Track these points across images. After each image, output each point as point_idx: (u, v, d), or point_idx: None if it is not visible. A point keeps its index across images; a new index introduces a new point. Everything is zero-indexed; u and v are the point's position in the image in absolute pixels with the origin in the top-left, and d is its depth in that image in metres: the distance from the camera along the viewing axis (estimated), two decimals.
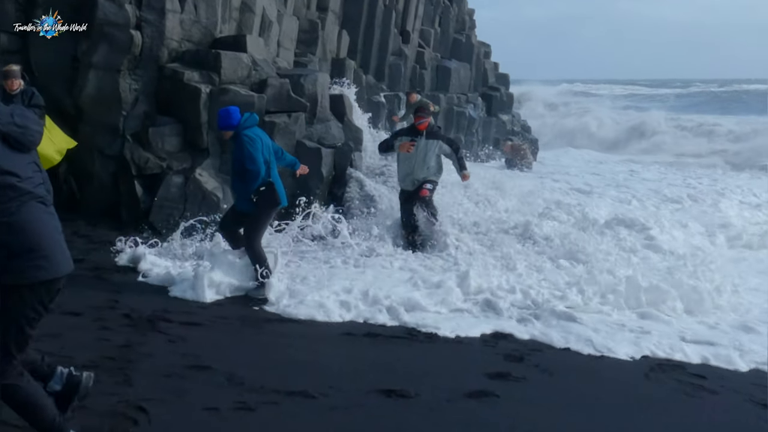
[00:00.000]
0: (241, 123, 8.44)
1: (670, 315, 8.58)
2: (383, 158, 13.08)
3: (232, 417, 5.31)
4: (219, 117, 8.56)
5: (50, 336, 6.63)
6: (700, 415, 6.00)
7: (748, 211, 16.55)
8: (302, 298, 8.25)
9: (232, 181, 8.92)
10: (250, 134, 8.45)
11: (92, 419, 5.01)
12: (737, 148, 32.93)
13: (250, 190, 8.37)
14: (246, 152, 8.29)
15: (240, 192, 8.55)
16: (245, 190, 8.41)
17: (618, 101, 58.95)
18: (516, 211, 13.46)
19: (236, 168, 8.47)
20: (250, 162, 8.28)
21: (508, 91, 28.79)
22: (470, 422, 5.53)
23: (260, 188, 8.38)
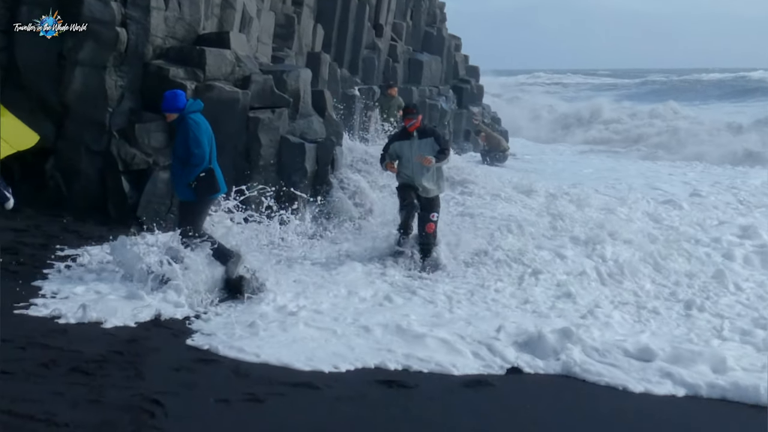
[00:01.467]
0: (187, 107, 8.45)
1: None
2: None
3: (243, 408, 5.54)
4: (165, 99, 8.48)
5: (56, 332, 6.84)
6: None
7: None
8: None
9: (172, 168, 8.73)
10: (197, 119, 8.47)
11: (111, 413, 5.21)
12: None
13: (191, 175, 8.31)
14: (192, 135, 8.28)
15: (180, 178, 8.43)
16: (186, 176, 8.33)
17: (567, 91, 60.05)
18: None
19: (179, 153, 8.41)
20: (196, 145, 8.27)
21: (478, 83, 29.19)
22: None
23: (200, 174, 8.33)
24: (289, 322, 7.50)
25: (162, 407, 5.36)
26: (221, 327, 7.31)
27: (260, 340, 6.96)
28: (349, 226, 11.99)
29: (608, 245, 11.18)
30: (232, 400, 5.63)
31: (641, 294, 9.55)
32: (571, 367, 6.69)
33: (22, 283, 8.01)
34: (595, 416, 6.03)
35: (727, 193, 17.82)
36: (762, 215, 14.84)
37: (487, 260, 10.49)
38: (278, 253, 10.32)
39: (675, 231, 12.81)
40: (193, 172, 8.30)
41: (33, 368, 5.87)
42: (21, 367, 5.85)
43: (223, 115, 11.40)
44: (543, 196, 15.48)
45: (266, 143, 11.73)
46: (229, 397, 5.68)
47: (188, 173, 8.30)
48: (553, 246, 11.31)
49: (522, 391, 6.41)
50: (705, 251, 11.54)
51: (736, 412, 6.15)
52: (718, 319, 8.65)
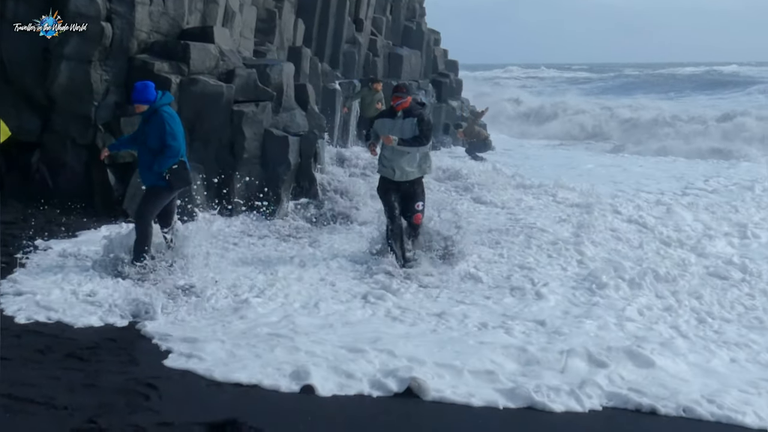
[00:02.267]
0: (158, 99, 8.46)
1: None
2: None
3: (232, 391, 5.74)
4: (136, 90, 8.44)
5: (50, 321, 7.01)
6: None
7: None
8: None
9: (142, 159, 8.61)
10: (170, 111, 8.51)
11: (107, 396, 5.40)
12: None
13: (165, 166, 8.35)
14: (168, 128, 8.32)
15: (152, 169, 8.41)
16: (158, 166, 8.35)
17: (541, 85, 60.62)
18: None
19: (152, 144, 8.39)
20: (172, 138, 8.32)
21: (457, 78, 29.39)
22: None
23: (173, 166, 8.41)
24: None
25: (156, 390, 5.56)
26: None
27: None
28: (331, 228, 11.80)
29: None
30: (224, 384, 5.84)
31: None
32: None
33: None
34: None
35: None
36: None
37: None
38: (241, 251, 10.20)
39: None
40: (166, 164, 8.36)
41: (30, 354, 6.07)
42: (18, 353, 6.04)
43: (207, 108, 11.61)
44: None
45: (250, 136, 11.90)
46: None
47: (161, 163, 8.35)
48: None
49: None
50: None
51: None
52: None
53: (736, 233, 12.02)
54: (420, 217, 9.73)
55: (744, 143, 27.87)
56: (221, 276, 8.56)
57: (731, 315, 8.27)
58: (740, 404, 5.83)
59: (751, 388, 6.16)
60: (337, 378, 5.95)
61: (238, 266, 9.23)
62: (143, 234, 8.47)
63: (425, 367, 6.14)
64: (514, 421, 5.56)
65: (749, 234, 11.96)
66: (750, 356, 7.02)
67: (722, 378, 6.42)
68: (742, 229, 12.25)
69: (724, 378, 6.42)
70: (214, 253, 9.31)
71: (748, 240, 11.71)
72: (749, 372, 6.63)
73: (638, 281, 9.12)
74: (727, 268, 9.90)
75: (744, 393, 6.06)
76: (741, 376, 6.50)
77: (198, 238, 9.22)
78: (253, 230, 11.15)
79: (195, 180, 9.74)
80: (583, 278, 9.35)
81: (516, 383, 5.98)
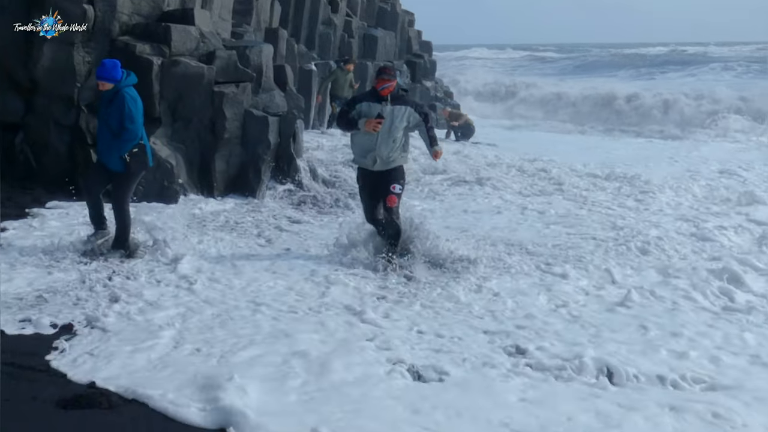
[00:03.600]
0: (123, 79, 8.37)
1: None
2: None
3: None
4: (104, 66, 8.34)
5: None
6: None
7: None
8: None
9: (103, 138, 8.50)
10: (132, 93, 8.41)
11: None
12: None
13: (123, 149, 8.29)
14: (127, 110, 8.24)
15: (111, 150, 8.36)
16: (118, 149, 8.30)
17: (504, 66, 61.29)
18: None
19: (112, 125, 8.31)
20: (130, 121, 8.25)
21: (431, 58, 29.72)
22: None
23: (133, 149, 8.35)
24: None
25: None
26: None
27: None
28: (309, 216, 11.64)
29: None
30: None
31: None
32: None
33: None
34: None
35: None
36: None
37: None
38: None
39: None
40: (125, 147, 8.31)
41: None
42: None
43: (188, 89, 11.82)
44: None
45: (231, 117, 12.13)
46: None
47: (120, 147, 8.31)
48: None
49: None
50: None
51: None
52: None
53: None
54: (395, 200, 8.70)
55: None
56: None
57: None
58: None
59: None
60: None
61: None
62: (124, 223, 8.57)
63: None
64: None
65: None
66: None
67: None
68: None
69: None
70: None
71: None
72: None
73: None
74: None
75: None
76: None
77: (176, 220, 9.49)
78: (230, 213, 11.31)
79: (176, 161, 9.87)
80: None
81: None
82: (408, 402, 5.17)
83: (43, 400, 4.88)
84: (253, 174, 12.30)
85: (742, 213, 12.50)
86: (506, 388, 5.53)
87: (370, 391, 5.32)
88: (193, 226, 10.22)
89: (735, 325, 7.24)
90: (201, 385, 5.15)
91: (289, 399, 5.15)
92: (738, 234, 10.99)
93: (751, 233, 11.04)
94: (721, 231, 11.04)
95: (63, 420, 4.68)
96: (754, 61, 50.47)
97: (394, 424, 4.86)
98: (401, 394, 5.31)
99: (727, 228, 11.25)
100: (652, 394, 5.54)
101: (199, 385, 5.17)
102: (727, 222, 11.73)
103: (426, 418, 4.94)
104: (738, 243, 10.53)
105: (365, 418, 4.90)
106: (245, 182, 12.27)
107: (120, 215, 8.57)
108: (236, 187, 12.28)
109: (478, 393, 5.38)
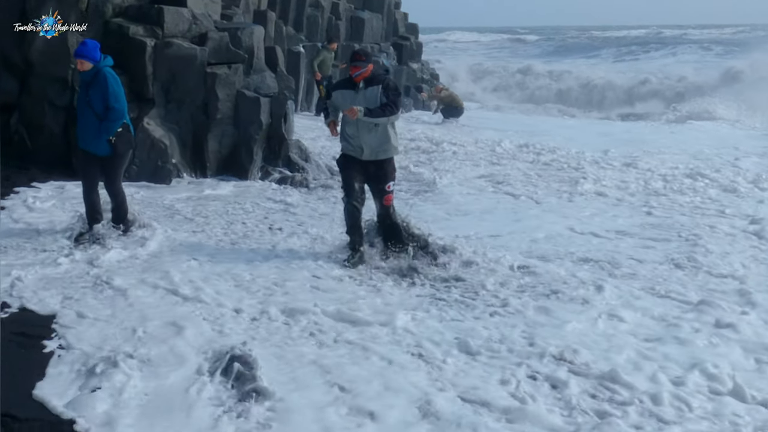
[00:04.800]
0: (101, 60, 8.26)
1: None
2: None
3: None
4: (86, 45, 8.22)
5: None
6: None
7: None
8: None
9: (87, 124, 8.32)
10: (113, 72, 8.33)
11: None
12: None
13: (112, 130, 8.21)
14: (111, 89, 8.15)
15: (98, 134, 8.23)
16: (106, 132, 8.20)
17: (477, 49, 61.80)
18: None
19: (97, 108, 8.18)
20: (115, 100, 8.16)
21: (417, 40, 29.87)
22: None
23: (118, 130, 8.28)
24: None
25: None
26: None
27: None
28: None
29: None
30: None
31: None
32: None
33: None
34: None
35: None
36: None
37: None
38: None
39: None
40: (112, 127, 8.22)
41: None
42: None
43: (182, 71, 12.00)
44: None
45: (223, 97, 12.30)
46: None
47: (107, 128, 8.20)
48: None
49: None
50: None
51: None
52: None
53: None
54: (391, 198, 8.29)
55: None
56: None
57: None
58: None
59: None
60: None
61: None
62: (120, 201, 8.61)
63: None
64: None
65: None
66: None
67: None
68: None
69: None
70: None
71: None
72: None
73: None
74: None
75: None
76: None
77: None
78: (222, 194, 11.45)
79: (170, 141, 9.94)
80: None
81: None
82: None
83: None
84: (245, 154, 12.50)
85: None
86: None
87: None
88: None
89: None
90: None
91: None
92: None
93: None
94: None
95: None
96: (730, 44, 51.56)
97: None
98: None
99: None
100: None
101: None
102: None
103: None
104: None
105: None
106: (237, 162, 12.47)
107: (116, 196, 8.60)
108: (229, 166, 12.48)
109: None
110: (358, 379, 5.24)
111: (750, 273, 8.19)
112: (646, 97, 33.86)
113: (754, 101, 27.16)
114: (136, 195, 10.02)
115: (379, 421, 4.74)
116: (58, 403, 4.74)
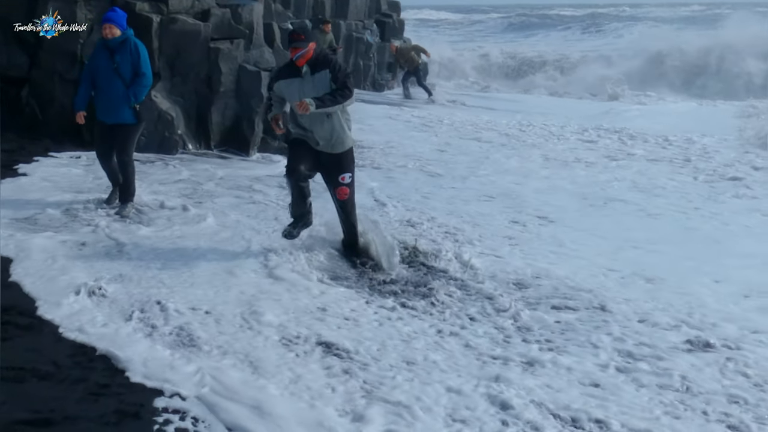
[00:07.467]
0: (128, 29, 8.45)
1: None
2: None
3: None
4: (116, 12, 8.43)
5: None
6: None
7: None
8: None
9: (112, 92, 8.36)
10: (138, 41, 8.52)
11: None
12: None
13: (141, 96, 8.37)
14: (143, 57, 8.35)
15: (124, 102, 8.34)
16: (135, 98, 8.32)
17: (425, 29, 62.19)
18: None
19: (125, 74, 8.28)
20: (146, 67, 8.34)
21: (399, 18, 30.34)
22: None
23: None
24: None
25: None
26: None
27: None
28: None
29: None
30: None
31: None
32: None
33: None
34: None
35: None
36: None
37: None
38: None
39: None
40: (142, 93, 8.38)
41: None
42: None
43: (186, 46, 12.45)
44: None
45: (226, 71, 12.78)
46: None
47: (137, 94, 8.32)
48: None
49: None
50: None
51: None
52: None
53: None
54: (346, 191, 7.43)
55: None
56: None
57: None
58: None
59: None
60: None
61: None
62: (131, 175, 8.72)
63: None
64: None
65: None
66: None
67: None
68: None
69: None
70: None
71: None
72: None
73: None
74: None
75: None
76: None
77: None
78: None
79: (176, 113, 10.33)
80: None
81: None
82: None
83: None
84: (246, 125, 13.03)
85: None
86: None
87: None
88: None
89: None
90: None
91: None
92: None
93: None
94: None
95: None
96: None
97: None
98: None
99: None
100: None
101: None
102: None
103: None
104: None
105: None
106: (240, 133, 12.98)
107: (126, 167, 8.66)
108: (231, 137, 12.98)
109: None
110: None
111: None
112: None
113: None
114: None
115: None
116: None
